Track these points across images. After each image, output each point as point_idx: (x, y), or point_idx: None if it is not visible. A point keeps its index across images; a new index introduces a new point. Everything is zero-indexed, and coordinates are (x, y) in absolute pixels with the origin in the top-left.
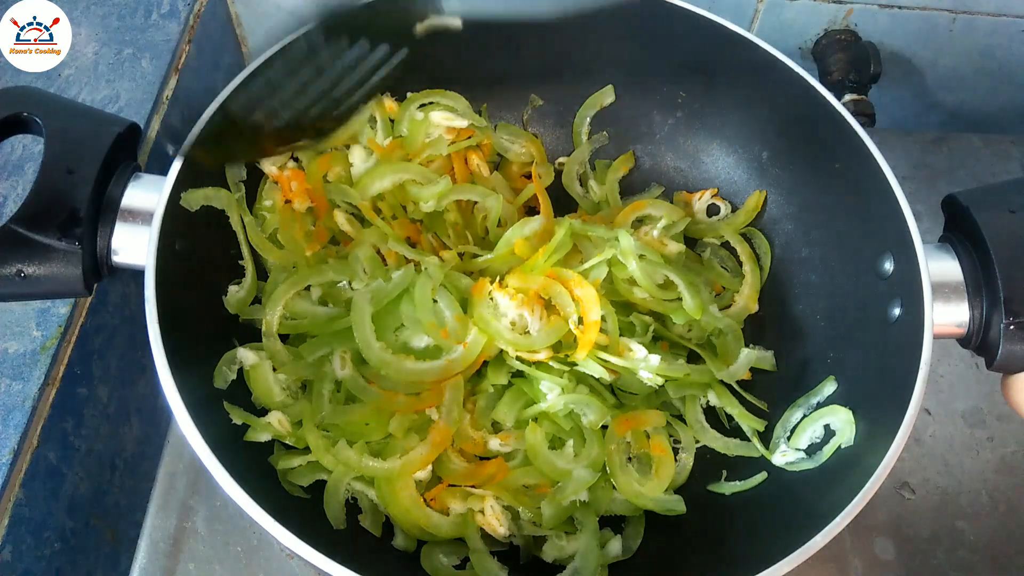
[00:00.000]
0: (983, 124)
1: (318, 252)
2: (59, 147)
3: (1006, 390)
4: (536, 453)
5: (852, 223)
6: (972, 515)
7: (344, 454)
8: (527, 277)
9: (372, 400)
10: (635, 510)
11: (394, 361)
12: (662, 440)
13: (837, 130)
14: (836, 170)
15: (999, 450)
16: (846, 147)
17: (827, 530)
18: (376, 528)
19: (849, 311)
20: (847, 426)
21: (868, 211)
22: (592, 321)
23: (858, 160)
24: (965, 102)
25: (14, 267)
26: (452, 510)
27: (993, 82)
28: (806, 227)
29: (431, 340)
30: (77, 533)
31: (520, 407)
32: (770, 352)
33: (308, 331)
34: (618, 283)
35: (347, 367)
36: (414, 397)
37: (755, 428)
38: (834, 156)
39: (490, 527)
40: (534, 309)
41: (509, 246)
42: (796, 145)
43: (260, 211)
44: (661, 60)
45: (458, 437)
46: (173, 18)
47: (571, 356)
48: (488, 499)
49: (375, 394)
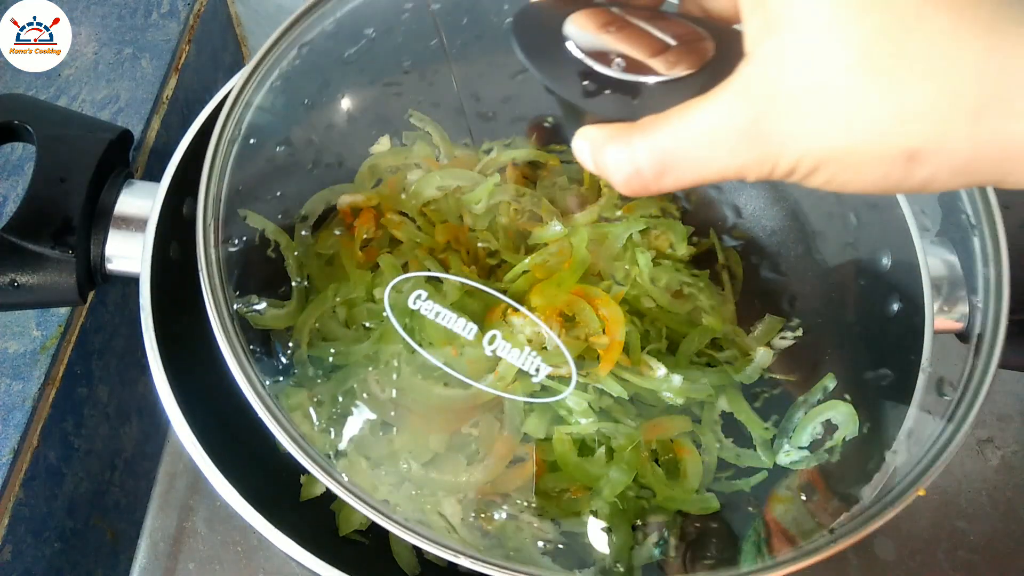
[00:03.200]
0: None
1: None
2: (51, 155)
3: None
4: (567, 461)
5: (849, 218)
6: (972, 515)
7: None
8: (552, 293)
9: (410, 425)
10: (668, 513)
11: (423, 386)
12: (687, 442)
13: None
14: None
15: (999, 450)
16: None
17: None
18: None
19: (847, 307)
20: (849, 419)
21: (866, 205)
22: (617, 341)
23: None
24: None
25: (7, 276)
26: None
27: None
28: (803, 222)
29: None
30: (77, 533)
31: (548, 422)
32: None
33: (338, 358)
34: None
35: (386, 390)
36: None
37: (765, 437)
38: None
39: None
40: (552, 326)
41: (525, 270)
42: None
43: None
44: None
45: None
46: (173, 18)
47: (592, 374)
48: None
49: (411, 419)
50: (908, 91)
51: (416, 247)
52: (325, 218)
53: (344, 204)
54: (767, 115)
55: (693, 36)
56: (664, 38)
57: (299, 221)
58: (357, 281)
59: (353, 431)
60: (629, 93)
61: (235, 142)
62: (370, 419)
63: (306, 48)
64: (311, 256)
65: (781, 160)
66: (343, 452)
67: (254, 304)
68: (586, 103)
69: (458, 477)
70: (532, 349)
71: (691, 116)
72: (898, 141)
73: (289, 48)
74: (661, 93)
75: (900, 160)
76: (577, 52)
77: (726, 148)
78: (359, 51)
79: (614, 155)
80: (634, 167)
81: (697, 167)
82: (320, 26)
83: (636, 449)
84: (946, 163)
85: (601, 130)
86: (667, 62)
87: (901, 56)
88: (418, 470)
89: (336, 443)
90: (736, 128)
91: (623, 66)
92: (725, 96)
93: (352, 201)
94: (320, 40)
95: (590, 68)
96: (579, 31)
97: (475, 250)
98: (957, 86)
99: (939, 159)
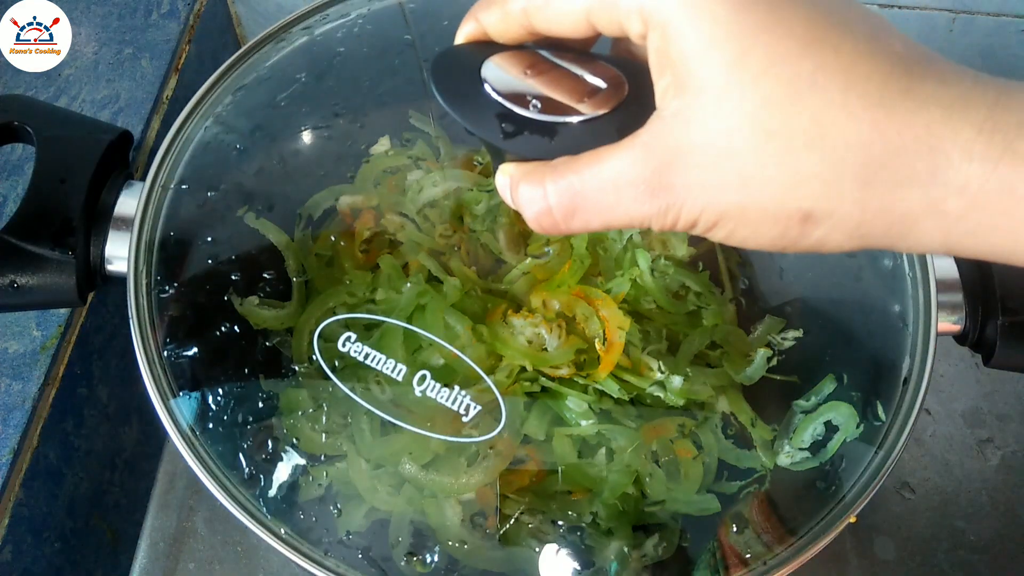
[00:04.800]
0: None
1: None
2: (51, 156)
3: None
4: (566, 463)
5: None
6: (972, 515)
7: (413, 473)
8: (552, 294)
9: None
10: (668, 515)
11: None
12: (687, 444)
13: None
14: None
15: (999, 450)
16: None
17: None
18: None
19: (847, 309)
20: (850, 420)
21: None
22: (617, 343)
23: None
24: None
25: (7, 278)
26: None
27: None
28: None
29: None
30: (77, 533)
31: (548, 423)
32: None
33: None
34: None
35: (386, 391)
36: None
37: (765, 438)
38: None
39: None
40: (552, 328)
41: (525, 272)
42: None
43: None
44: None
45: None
46: (173, 18)
47: (592, 375)
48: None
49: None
50: (799, 156)
51: (416, 248)
52: (325, 219)
53: (344, 205)
54: (670, 169)
55: (609, 77)
56: (581, 79)
57: (299, 222)
58: (357, 282)
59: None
60: (546, 134)
61: (168, 188)
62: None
63: (240, 92)
64: (311, 257)
65: (683, 213)
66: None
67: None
68: (504, 144)
69: (458, 479)
70: (461, 388)
71: (601, 163)
72: (791, 203)
73: (224, 94)
74: (577, 133)
75: (795, 220)
76: (494, 95)
77: (631, 196)
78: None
79: (527, 193)
80: (545, 206)
81: (604, 212)
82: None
83: (636, 450)
84: (839, 226)
85: (518, 168)
86: (583, 103)
87: (792, 123)
88: (418, 471)
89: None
90: (641, 179)
91: (539, 107)
92: (633, 147)
93: (352, 202)
94: (253, 85)
95: (508, 110)
96: (496, 73)
97: (475, 251)
98: (844, 155)
99: (832, 222)
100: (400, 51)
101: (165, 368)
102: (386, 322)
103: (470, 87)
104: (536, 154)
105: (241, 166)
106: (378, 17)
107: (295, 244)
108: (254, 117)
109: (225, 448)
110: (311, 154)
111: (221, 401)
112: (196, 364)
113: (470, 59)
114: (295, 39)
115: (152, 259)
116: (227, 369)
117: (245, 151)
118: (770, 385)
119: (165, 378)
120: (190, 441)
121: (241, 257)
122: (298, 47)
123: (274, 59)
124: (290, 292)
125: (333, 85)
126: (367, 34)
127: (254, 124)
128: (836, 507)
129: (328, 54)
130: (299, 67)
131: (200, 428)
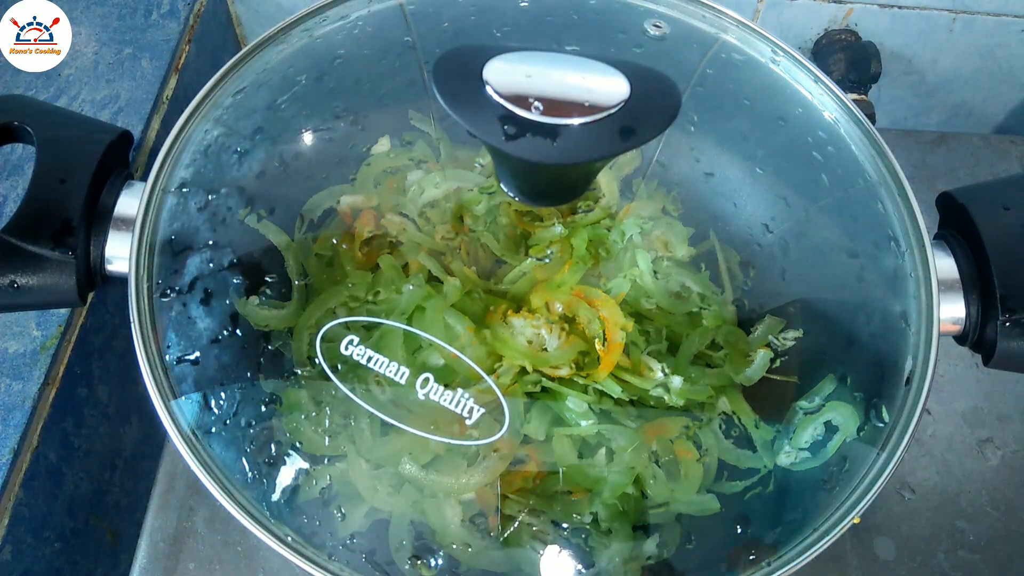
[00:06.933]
0: (983, 124)
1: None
2: (51, 156)
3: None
4: (566, 463)
5: (852, 220)
6: (972, 515)
7: (413, 473)
8: (553, 294)
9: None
10: (668, 516)
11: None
12: (687, 444)
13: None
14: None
15: (999, 450)
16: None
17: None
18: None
19: (849, 309)
20: (850, 420)
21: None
22: (618, 343)
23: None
24: (965, 102)
25: (7, 278)
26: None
27: (993, 82)
28: (805, 224)
29: (444, 359)
30: (77, 533)
31: (548, 423)
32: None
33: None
34: (631, 296)
35: (388, 393)
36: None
37: (765, 438)
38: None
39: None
40: (552, 329)
41: (525, 273)
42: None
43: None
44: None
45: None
46: (173, 18)
47: (592, 376)
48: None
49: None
50: None
51: (416, 248)
52: (325, 219)
53: (344, 205)
54: None
55: (609, 77)
56: (582, 80)
57: (299, 223)
58: (358, 283)
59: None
60: (548, 136)
61: (168, 190)
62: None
63: (240, 95)
64: (311, 257)
65: None
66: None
67: (255, 304)
68: (506, 145)
69: (458, 479)
70: (464, 391)
71: None
72: None
73: (224, 96)
74: (578, 135)
75: None
76: (496, 96)
77: None
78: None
79: None
80: None
81: None
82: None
83: (636, 451)
84: None
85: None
86: (584, 105)
87: None
88: (418, 471)
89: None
90: None
91: (541, 109)
92: None
93: (352, 202)
94: (253, 88)
95: (509, 112)
96: (498, 75)
97: (475, 251)
98: None
99: None
100: (400, 52)
101: (166, 370)
102: (385, 324)
103: (472, 89)
104: (539, 156)
105: (242, 168)
106: (378, 19)
107: (296, 245)
108: (254, 119)
109: (226, 450)
110: (312, 155)
111: (222, 403)
112: (197, 365)
113: (472, 61)
114: (295, 41)
115: (153, 261)
116: (228, 370)
117: (246, 153)
118: (771, 385)
119: (166, 380)
120: (191, 443)
121: (242, 258)
122: (298, 49)
123: (274, 62)
124: (291, 293)
125: (333, 87)
126: (367, 36)
127: (255, 126)
128: (840, 508)
129: (328, 56)
130: (299, 69)
131: (201, 430)
